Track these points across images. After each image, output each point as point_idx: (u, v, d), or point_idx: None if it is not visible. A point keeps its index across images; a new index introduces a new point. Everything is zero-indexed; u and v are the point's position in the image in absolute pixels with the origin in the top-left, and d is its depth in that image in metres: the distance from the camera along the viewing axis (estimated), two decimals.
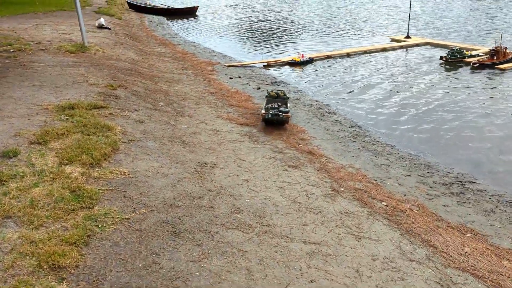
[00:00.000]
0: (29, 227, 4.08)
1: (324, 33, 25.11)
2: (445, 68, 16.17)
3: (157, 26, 27.04)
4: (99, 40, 15.33)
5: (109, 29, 18.70)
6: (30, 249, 3.75)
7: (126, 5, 33.58)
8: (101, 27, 18.43)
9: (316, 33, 25.02)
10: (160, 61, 15.50)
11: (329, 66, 16.98)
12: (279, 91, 10.48)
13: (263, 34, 25.06)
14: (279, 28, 26.91)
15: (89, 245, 4.02)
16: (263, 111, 9.32)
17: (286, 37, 24.23)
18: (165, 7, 36.47)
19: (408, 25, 22.13)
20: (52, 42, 13.75)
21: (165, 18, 31.16)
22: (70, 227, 4.19)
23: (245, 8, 38.41)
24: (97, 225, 4.31)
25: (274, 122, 9.08)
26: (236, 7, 39.73)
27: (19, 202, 4.43)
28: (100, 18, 19.51)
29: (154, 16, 31.37)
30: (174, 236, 4.46)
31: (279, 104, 9.81)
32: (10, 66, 10.27)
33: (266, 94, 10.56)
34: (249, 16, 32.93)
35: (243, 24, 28.90)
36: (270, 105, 9.69)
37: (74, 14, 16.16)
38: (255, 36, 24.66)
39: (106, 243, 4.10)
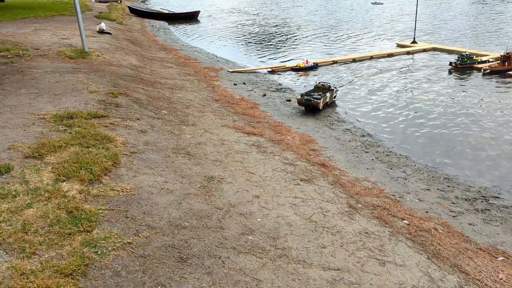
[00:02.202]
0: (20, 256, 3.64)
1: (327, 38, 24.73)
2: (455, 74, 15.71)
3: (159, 31, 26.69)
4: (99, 45, 14.94)
5: (110, 34, 18.35)
6: (20, 283, 3.32)
7: (127, 10, 33.28)
8: (102, 32, 18.10)
9: (319, 38, 24.63)
10: (162, 67, 15.10)
11: (335, 72, 16.56)
12: (325, 83, 12.51)
13: (265, 39, 24.68)
14: (281, 33, 26.55)
15: (87, 276, 3.58)
16: (299, 96, 11.41)
17: (289, 42, 23.85)
18: (167, 12, 36.21)
19: (415, 30, 21.72)
20: (51, 48, 13.36)
21: (167, 23, 30.84)
22: (66, 255, 3.75)
23: (246, 13, 38.10)
24: (96, 252, 3.87)
25: (307, 106, 11.19)
26: (237, 12, 39.43)
27: (9, 226, 4.00)
28: (101, 22, 19.20)
29: (156, 21, 31.05)
30: (181, 263, 4.03)
31: (320, 93, 11.60)
32: (7, 73, 9.87)
33: (315, 84, 12.85)
34: (250, 21, 32.59)
35: (245, 29, 28.54)
36: (312, 93, 11.62)
37: (74, 19, 15.81)
38: (257, 40, 24.28)
39: (106, 273, 3.67)
